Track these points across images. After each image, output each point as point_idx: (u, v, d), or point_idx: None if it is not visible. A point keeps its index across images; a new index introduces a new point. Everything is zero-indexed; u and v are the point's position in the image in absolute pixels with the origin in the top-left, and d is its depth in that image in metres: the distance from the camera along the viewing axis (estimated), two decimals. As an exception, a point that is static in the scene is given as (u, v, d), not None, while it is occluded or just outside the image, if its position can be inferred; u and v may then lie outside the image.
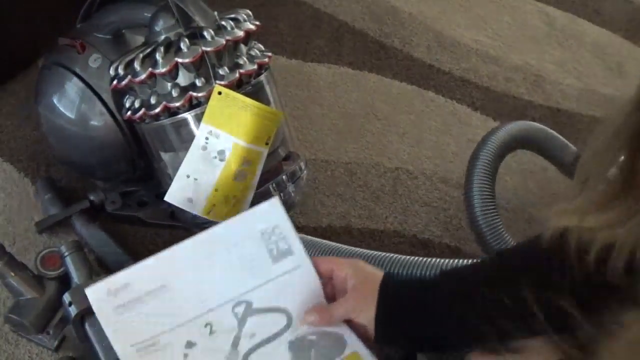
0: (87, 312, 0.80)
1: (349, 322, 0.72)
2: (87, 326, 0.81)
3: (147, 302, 0.69)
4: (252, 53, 0.89)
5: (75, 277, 0.88)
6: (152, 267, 0.71)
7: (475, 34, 1.42)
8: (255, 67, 0.86)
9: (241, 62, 0.85)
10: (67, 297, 0.84)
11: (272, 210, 0.75)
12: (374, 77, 1.31)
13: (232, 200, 0.85)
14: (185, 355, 0.69)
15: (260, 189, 0.87)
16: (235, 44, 0.85)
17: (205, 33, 0.82)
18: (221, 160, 0.83)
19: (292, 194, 0.92)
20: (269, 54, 0.91)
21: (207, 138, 0.82)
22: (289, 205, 0.91)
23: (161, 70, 0.81)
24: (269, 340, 0.72)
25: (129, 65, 0.84)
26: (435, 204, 1.10)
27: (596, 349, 0.52)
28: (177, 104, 0.83)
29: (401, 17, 1.44)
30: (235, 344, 0.71)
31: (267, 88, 0.90)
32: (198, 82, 0.83)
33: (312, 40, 1.35)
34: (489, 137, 1.02)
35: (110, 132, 0.95)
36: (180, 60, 0.81)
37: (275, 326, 0.72)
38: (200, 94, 0.82)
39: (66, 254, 0.89)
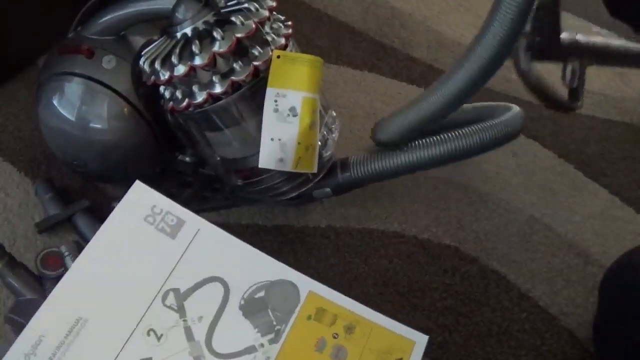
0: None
1: None
2: (86, 326, 0.81)
3: (72, 343, 0.62)
4: (275, 26, 0.91)
5: (75, 277, 0.88)
6: (55, 305, 0.64)
7: (475, 34, 1.42)
8: (283, 40, 0.89)
9: (270, 38, 0.87)
10: (66, 297, 0.84)
11: (141, 194, 0.72)
12: (374, 77, 1.31)
13: (310, 149, 0.88)
14: None
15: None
16: (262, 23, 0.87)
17: (234, 19, 0.84)
18: (294, 116, 0.85)
19: (334, 141, 0.98)
20: (289, 22, 0.93)
21: (275, 101, 0.85)
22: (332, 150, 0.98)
23: (200, 63, 0.83)
24: (219, 315, 0.67)
25: (165, 61, 0.86)
26: (435, 204, 1.10)
27: None
28: (221, 91, 0.85)
29: (401, 18, 1.43)
30: (189, 335, 0.65)
31: None
32: (237, 67, 0.85)
33: (312, 40, 1.35)
34: None
35: (141, 130, 0.96)
36: (217, 50, 0.83)
37: (216, 297, 0.67)
38: (240, 77, 0.85)
39: (66, 254, 0.89)
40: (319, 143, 0.92)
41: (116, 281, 0.66)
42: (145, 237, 0.69)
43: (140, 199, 0.72)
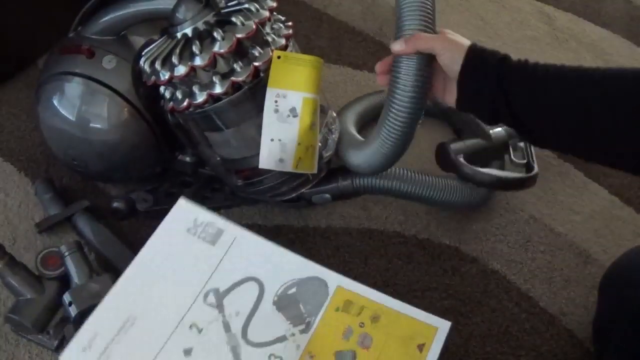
0: (87, 312, 0.80)
1: (431, 61, 0.74)
2: (87, 326, 0.81)
3: (123, 338, 0.70)
4: (275, 27, 0.91)
5: (75, 277, 0.89)
6: (109, 306, 0.73)
7: (475, 34, 1.42)
8: (283, 41, 0.89)
9: (270, 39, 0.87)
10: (67, 297, 0.84)
11: (184, 209, 0.80)
12: (374, 77, 1.29)
13: (310, 150, 0.89)
14: None
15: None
16: (262, 24, 0.87)
17: (234, 19, 0.84)
18: (294, 116, 0.86)
19: (334, 142, 0.98)
20: (290, 23, 0.93)
21: (276, 101, 0.85)
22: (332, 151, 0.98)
23: (201, 63, 0.83)
24: (254, 310, 0.73)
25: (165, 61, 0.86)
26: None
27: None
28: (221, 91, 0.85)
29: (401, 17, 1.43)
30: (227, 328, 0.72)
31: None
32: (237, 67, 0.85)
33: (312, 40, 1.35)
34: None
35: (141, 130, 0.96)
36: (217, 51, 0.83)
37: (252, 295, 0.74)
38: (241, 78, 0.85)
39: (66, 254, 0.89)
40: (319, 144, 0.92)
41: (163, 284, 0.74)
42: (189, 246, 0.77)
43: (184, 214, 0.80)
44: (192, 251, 0.77)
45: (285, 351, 0.70)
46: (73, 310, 0.82)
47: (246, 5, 0.86)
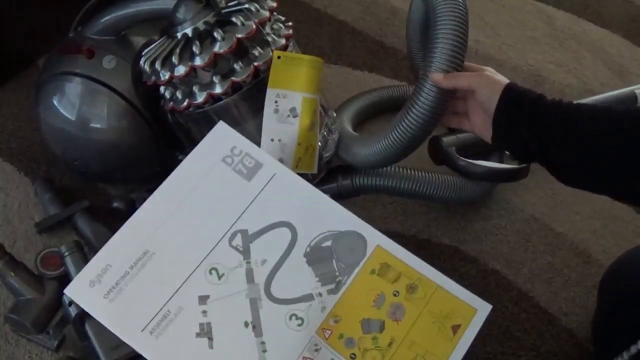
0: (87, 312, 0.80)
1: (468, 96, 0.75)
2: (87, 326, 0.81)
3: (136, 274, 0.63)
4: (275, 27, 0.91)
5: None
6: (125, 237, 0.66)
7: (475, 34, 1.42)
8: (284, 41, 0.89)
9: (270, 39, 0.87)
10: (67, 297, 0.84)
11: (223, 134, 0.73)
12: (374, 77, 1.31)
13: (310, 150, 0.88)
14: (204, 312, 0.63)
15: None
16: (262, 24, 0.87)
17: (234, 19, 0.84)
18: (294, 116, 0.85)
19: (334, 142, 0.97)
20: (290, 23, 0.93)
21: (276, 101, 0.85)
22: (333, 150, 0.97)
23: (201, 63, 0.83)
24: (282, 260, 0.67)
25: (165, 61, 0.86)
26: (435, 204, 1.10)
27: None
28: (221, 91, 0.85)
29: (401, 17, 1.43)
30: (249, 277, 0.66)
31: None
32: (237, 67, 0.85)
33: (312, 40, 1.35)
34: None
35: (141, 130, 0.96)
36: (217, 51, 0.83)
37: (282, 242, 0.68)
38: (241, 78, 0.85)
39: (66, 254, 0.89)
40: (319, 144, 0.92)
41: (187, 218, 0.67)
42: (221, 178, 0.70)
43: (222, 139, 0.72)
44: (224, 184, 0.70)
45: (309, 312, 0.65)
46: (73, 310, 0.82)
47: (246, 5, 0.86)
